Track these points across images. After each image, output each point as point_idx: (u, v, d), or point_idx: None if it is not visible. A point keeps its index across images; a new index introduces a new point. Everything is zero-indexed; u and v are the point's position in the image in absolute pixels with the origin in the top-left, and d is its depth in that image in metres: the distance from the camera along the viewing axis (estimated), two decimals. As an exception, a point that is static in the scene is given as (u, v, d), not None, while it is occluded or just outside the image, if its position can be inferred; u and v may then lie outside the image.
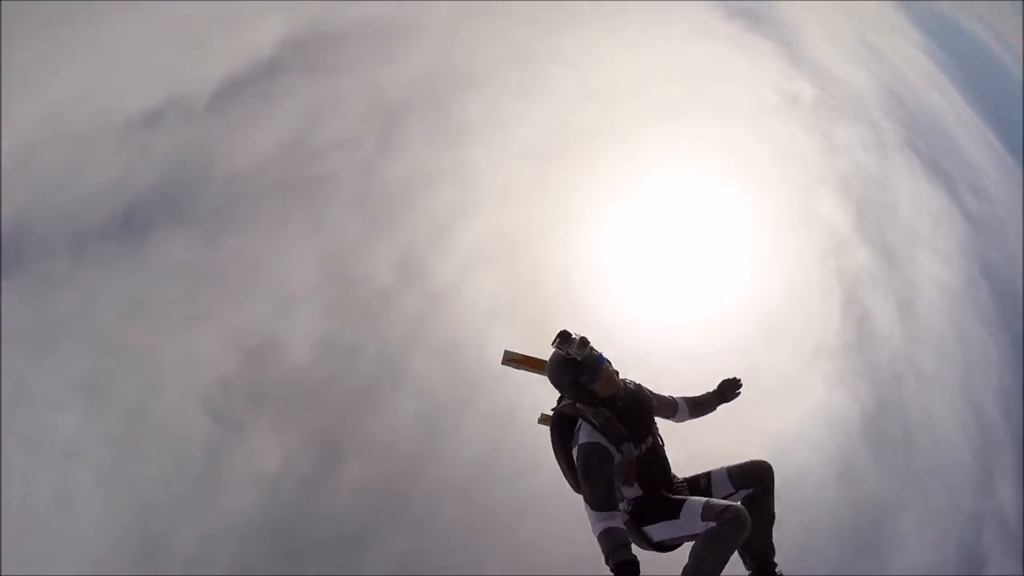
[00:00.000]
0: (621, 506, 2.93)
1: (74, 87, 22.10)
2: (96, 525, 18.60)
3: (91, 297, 21.56)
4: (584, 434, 2.92)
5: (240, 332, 20.62)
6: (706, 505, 2.76)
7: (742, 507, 2.74)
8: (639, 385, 3.34)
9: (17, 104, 20.38)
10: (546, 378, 3.55)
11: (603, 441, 2.86)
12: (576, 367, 3.04)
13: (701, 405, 3.94)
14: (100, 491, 18.78)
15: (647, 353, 21.93)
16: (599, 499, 2.73)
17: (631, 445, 2.96)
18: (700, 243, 25.97)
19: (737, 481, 3.27)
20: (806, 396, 23.31)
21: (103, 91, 22.75)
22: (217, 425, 19.47)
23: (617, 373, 3.17)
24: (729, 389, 3.98)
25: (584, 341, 3.05)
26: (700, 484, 3.32)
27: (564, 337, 3.01)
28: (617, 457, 2.87)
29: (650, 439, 3.14)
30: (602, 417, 2.93)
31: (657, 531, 2.96)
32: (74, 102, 21.94)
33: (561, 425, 3.22)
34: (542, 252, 23.39)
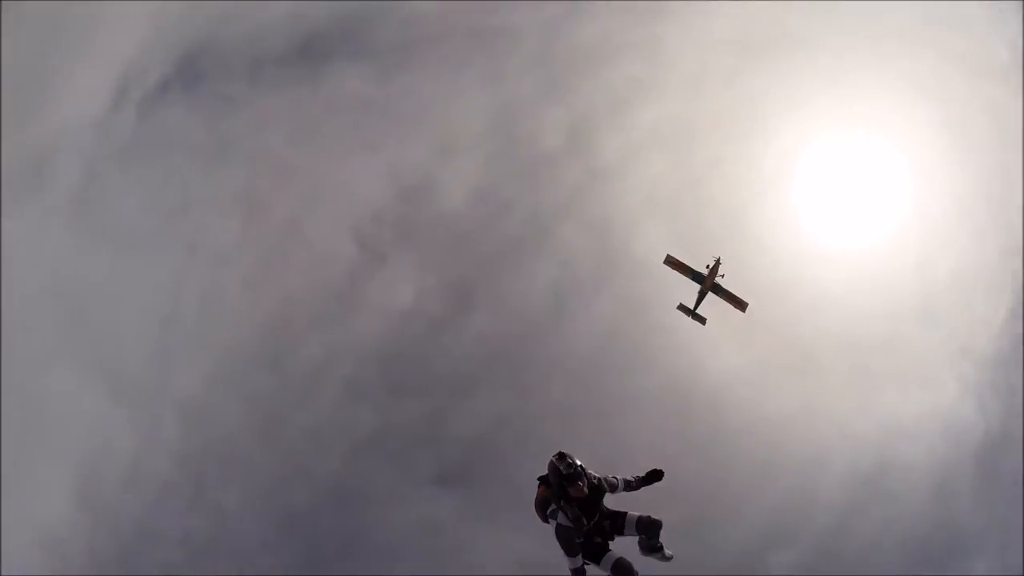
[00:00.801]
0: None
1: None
2: (235, 324, 20.21)
3: (263, 119, 22.21)
4: (561, 518, 4.27)
5: (399, 168, 20.85)
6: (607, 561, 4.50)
7: (624, 560, 4.49)
8: (599, 480, 4.41)
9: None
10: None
11: (571, 526, 4.27)
12: (563, 477, 4.16)
13: (633, 486, 4.79)
14: (244, 293, 20.31)
15: (790, 283, 20.93)
16: (568, 551, 4.40)
17: (583, 524, 4.30)
18: (879, 193, 23.54)
19: (638, 529, 4.58)
20: (937, 392, 21.23)
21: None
22: (362, 252, 20.19)
23: (583, 482, 4.19)
24: (654, 479, 4.87)
25: (571, 464, 4.17)
26: (618, 521, 4.59)
27: (560, 456, 4.19)
28: (577, 529, 4.30)
29: (597, 516, 4.41)
30: (574, 516, 4.24)
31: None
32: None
33: (545, 504, 4.40)
34: (717, 151, 21.78)
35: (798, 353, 20.76)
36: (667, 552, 4.89)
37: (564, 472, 4.18)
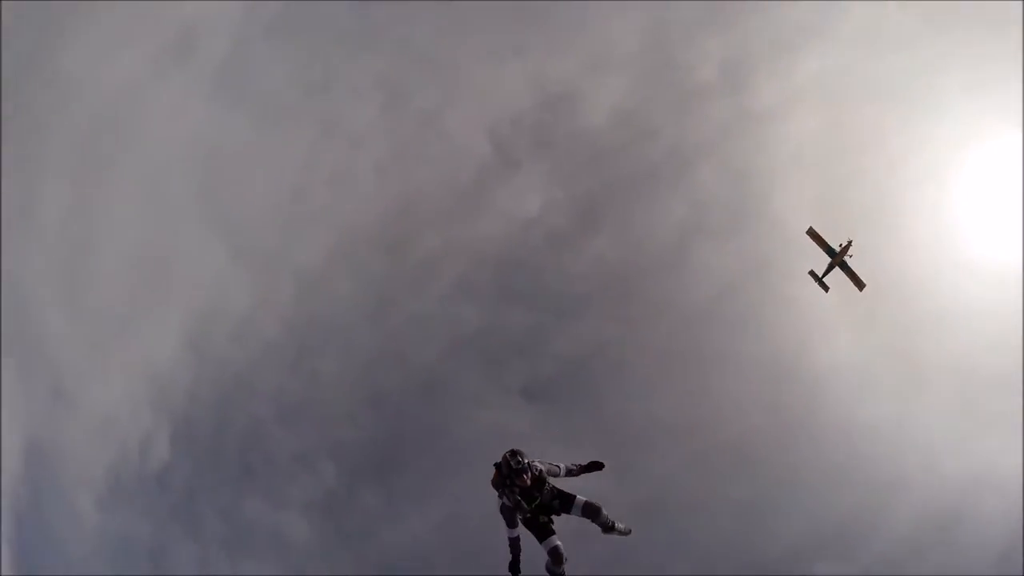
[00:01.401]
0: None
1: None
2: (361, 205, 20.96)
3: (412, 8, 22.54)
4: (506, 500, 5.14)
5: (546, 76, 20.67)
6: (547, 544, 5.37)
7: (559, 548, 5.34)
8: (541, 472, 5.17)
9: None
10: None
11: (512, 507, 5.15)
12: (511, 471, 4.96)
13: (575, 472, 5.55)
14: (373, 177, 21.01)
15: (923, 287, 19.48)
16: (508, 524, 5.33)
17: (524, 509, 5.18)
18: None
19: (583, 512, 5.37)
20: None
21: None
22: (496, 154, 20.38)
23: (527, 476, 4.98)
24: (594, 468, 5.64)
25: (520, 462, 4.96)
26: (567, 502, 5.37)
27: (512, 453, 4.99)
28: (514, 507, 5.16)
29: (537, 499, 5.20)
30: (514, 502, 5.11)
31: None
32: None
33: (500, 485, 5.13)
34: (879, 119, 20.40)
35: (908, 366, 19.62)
36: (621, 527, 5.65)
37: (513, 467, 5.04)
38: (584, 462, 5.68)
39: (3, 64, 26.71)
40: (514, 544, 5.55)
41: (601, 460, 5.72)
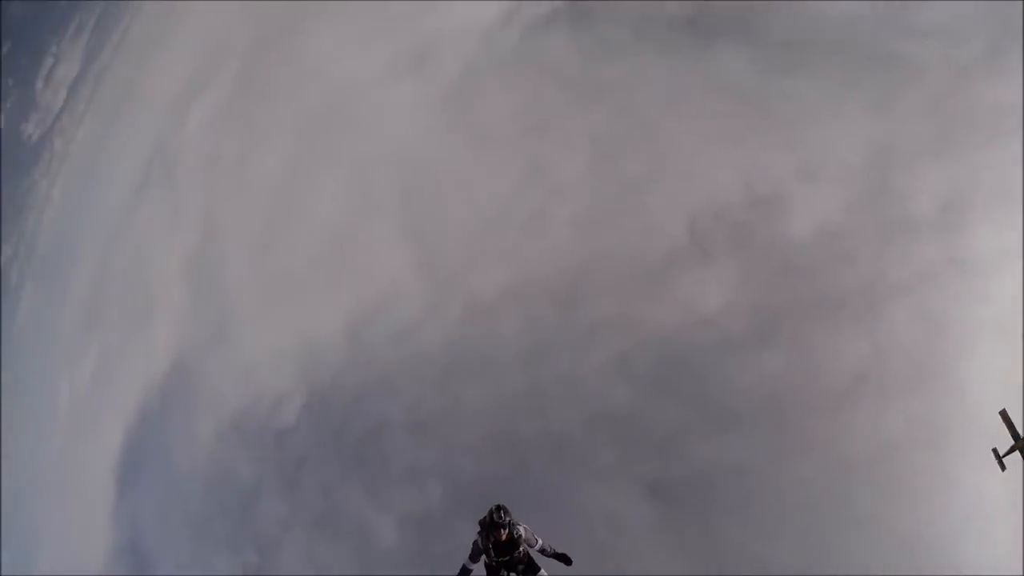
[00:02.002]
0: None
1: None
2: (545, 253, 21.51)
3: (638, 74, 23.22)
4: (480, 541, 6.01)
5: (756, 172, 20.58)
6: None
7: None
8: (519, 535, 5.97)
9: None
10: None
11: (481, 547, 6.02)
12: (492, 522, 5.83)
13: (548, 553, 6.30)
14: (564, 228, 21.67)
15: None
16: (471, 555, 6.12)
17: (491, 557, 6.08)
18: None
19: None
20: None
21: None
22: (690, 241, 20.43)
23: (503, 534, 5.87)
24: (562, 560, 6.36)
25: (501, 517, 5.77)
26: (530, 572, 6.37)
27: (497, 508, 5.79)
28: (482, 549, 6.03)
29: (507, 558, 6.11)
30: (485, 545, 5.99)
31: None
32: None
33: (483, 527, 5.94)
34: None
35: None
36: None
37: (494, 519, 5.81)
38: (559, 549, 6.36)
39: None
40: (463, 573, 6.25)
41: (571, 557, 6.35)
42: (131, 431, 41.49)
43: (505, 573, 6.35)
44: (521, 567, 6.35)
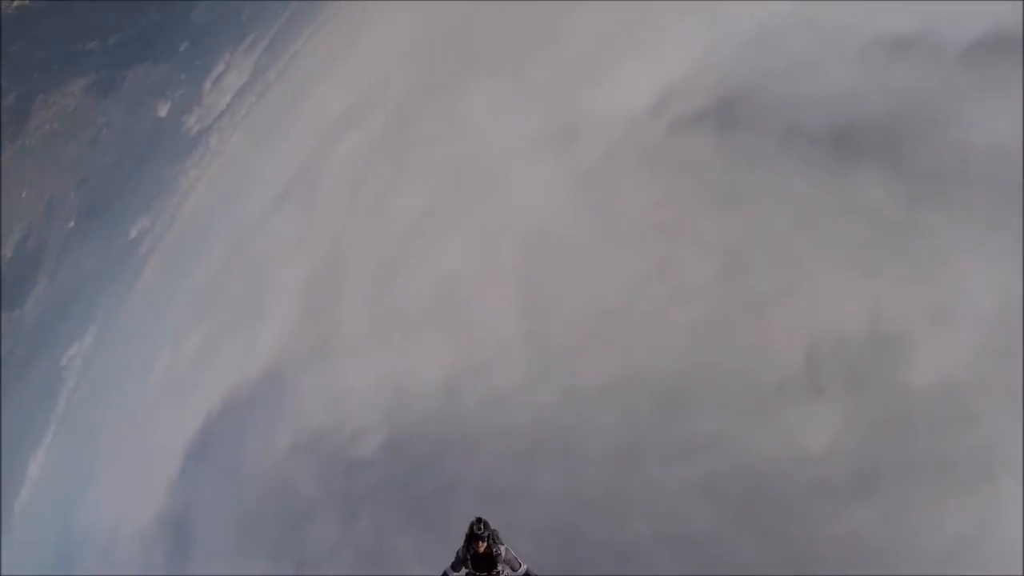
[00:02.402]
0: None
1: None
2: (658, 353, 22.00)
3: (778, 187, 23.50)
4: (461, 552, 6.40)
5: (885, 309, 20.24)
6: None
7: None
8: (498, 553, 6.38)
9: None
10: None
11: (461, 557, 6.40)
12: (472, 533, 6.28)
13: None
14: (680, 333, 22.05)
15: None
16: (453, 565, 6.52)
17: (469, 567, 6.42)
18: None
19: None
20: None
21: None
22: (805, 369, 20.34)
23: (482, 546, 6.30)
24: None
25: (482, 529, 6.26)
26: None
27: (478, 520, 6.27)
28: (462, 560, 6.42)
29: (486, 574, 6.41)
30: (464, 557, 6.40)
31: None
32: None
33: (466, 539, 6.41)
34: None
35: None
36: None
37: (474, 531, 6.29)
38: None
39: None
40: None
41: None
42: (212, 417, 44.36)
43: None
44: None
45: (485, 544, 6.41)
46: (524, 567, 6.76)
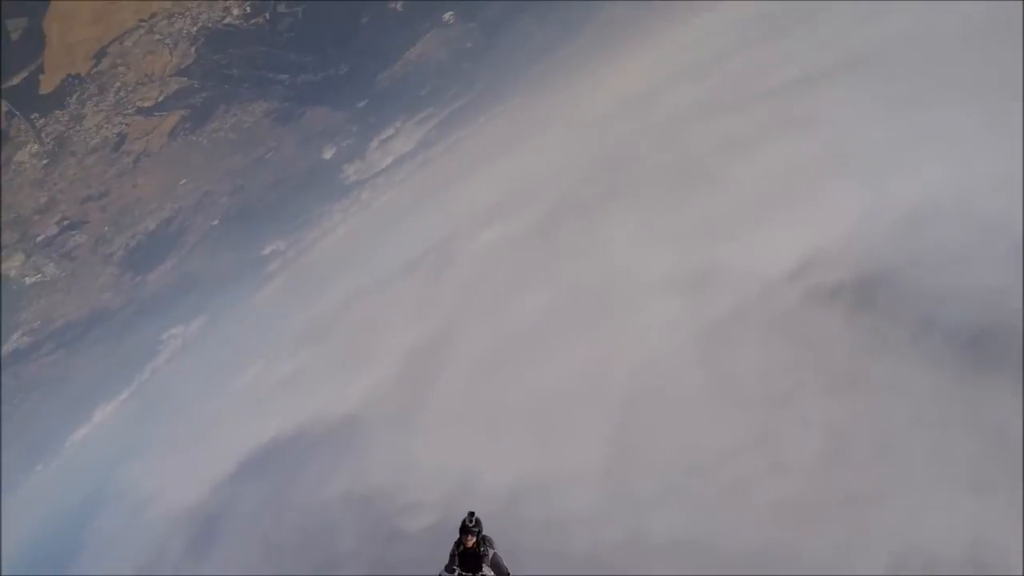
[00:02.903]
0: None
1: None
2: (739, 530, 22.15)
3: (902, 377, 22.99)
4: (453, 548, 6.85)
5: (988, 536, 18.91)
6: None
7: None
8: (486, 551, 6.87)
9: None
10: None
11: (455, 551, 6.88)
12: (463, 526, 6.77)
13: None
14: (764, 511, 22.04)
15: None
16: (446, 566, 6.87)
17: (458, 570, 6.85)
18: None
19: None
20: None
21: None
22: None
23: (470, 540, 6.79)
24: None
25: (467, 523, 6.78)
26: None
27: (470, 515, 6.77)
28: (454, 568, 6.86)
29: (471, 573, 6.80)
30: (454, 552, 6.86)
31: None
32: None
33: (460, 531, 6.88)
34: None
35: None
36: None
37: (465, 524, 6.77)
38: None
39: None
40: None
41: None
42: (280, 439, 47.38)
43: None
44: None
45: (474, 540, 6.80)
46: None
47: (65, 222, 28.17)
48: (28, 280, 30.32)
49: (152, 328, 56.33)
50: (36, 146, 22.38)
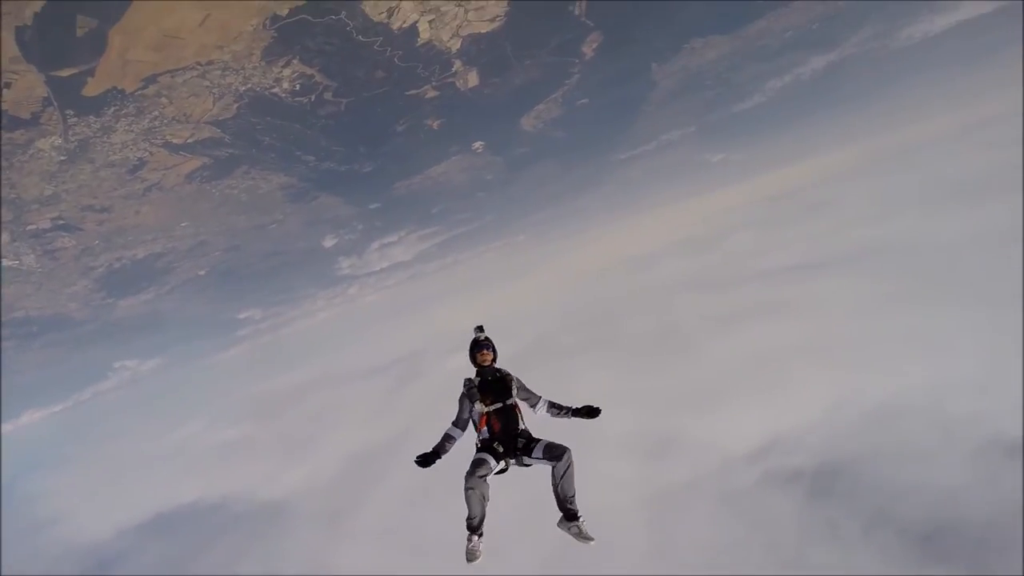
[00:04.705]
0: (476, 438, 6.49)
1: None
2: None
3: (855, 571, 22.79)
4: (464, 386, 6.41)
5: None
6: (546, 448, 6.31)
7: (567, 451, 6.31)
8: (507, 374, 6.44)
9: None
10: None
11: (467, 391, 6.39)
12: (475, 343, 6.48)
13: (559, 410, 6.46)
14: None
15: None
16: (454, 422, 6.42)
17: (480, 404, 6.31)
18: None
19: (545, 453, 6.27)
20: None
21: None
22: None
23: (487, 356, 6.45)
24: (588, 413, 6.40)
25: (478, 335, 6.52)
26: (531, 445, 6.28)
27: (479, 329, 6.51)
28: (471, 405, 6.36)
29: (498, 405, 6.31)
30: (473, 383, 6.37)
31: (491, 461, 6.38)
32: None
33: (468, 383, 6.46)
34: None
35: None
36: (583, 529, 6.29)
37: (477, 338, 6.33)
38: (578, 405, 6.36)
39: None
40: (447, 439, 6.38)
41: (597, 406, 6.30)
42: (198, 505, 45.24)
43: (500, 448, 6.16)
44: (522, 441, 6.23)
45: (491, 356, 6.40)
46: (543, 400, 6.45)
47: (60, 221, 27.98)
48: (4, 262, 29.59)
49: (107, 353, 54.39)
50: (60, 140, 22.81)
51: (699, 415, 31.72)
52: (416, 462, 6.22)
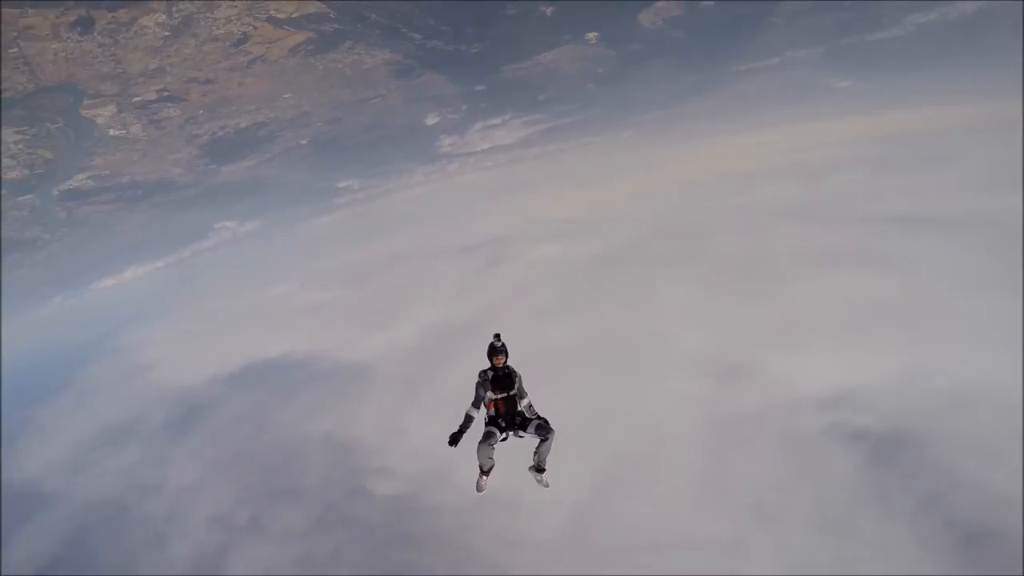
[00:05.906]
0: (482, 414, 7.92)
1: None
2: None
3: (881, 552, 22.74)
4: (479, 377, 7.74)
5: None
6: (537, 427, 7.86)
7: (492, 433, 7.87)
8: (513, 372, 7.77)
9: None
10: None
11: (482, 381, 7.75)
12: (492, 348, 7.67)
13: (526, 413, 8.05)
14: None
15: None
16: (473, 403, 7.81)
17: (491, 392, 7.77)
18: None
19: (536, 432, 7.81)
20: None
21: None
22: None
23: (501, 359, 7.68)
24: (538, 430, 7.93)
25: (495, 342, 7.69)
26: (524, 421, 7.88)
27: (496, 337, 7.65)
28: (484, 391, 7.77)
29: (504, 394, 7.77)
30: (487, 375, 7.72)
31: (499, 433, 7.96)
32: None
33: (489, 355, 7.77)
34: None
35: None
36: (543, 479, 7.94)
37: (494, 345, 7.67)
38: (543, 420, 7.87)
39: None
40: (468, 420, 7.82)
41: (550, 426, 7.81)
42: (286, 359, 48.63)
43: (503, 424, 7.90)
44: (518, 419, 7.94)
45: (504, 359, 7.80)
46: (528, 398, 7.97)
47: (165, 93, 29.22)
48: (112, 132, 31.56)
49: (208, 214, 58.03)
50: (164, 17, 23.52)
51: (777, 349, 31.11)
52: (448, 443, 7.81)
